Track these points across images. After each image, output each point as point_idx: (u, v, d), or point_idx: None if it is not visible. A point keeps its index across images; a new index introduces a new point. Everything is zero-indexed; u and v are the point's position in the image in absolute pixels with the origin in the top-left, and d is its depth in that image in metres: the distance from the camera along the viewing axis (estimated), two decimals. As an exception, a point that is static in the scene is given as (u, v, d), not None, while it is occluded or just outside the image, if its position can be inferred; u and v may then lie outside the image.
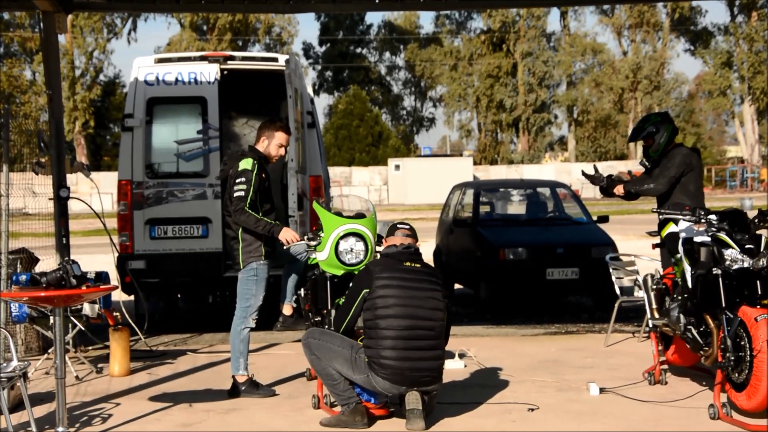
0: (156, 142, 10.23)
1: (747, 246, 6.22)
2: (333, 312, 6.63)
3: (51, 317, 6.97)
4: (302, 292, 7.26)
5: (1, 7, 13.33)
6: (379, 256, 6.73)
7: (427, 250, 13.45)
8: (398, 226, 6.42)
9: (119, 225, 10.12)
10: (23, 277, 7.48)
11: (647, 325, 7.66)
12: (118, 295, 9.38)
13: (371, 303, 5.87)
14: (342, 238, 6.65)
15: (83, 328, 8.34)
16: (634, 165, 58.56)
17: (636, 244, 16.68)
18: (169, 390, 7.27)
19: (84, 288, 5.76)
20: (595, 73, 67.38)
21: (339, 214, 6.93)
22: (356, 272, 6.57)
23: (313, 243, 6.87)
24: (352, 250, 6.67)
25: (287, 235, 6.83)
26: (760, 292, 6.10)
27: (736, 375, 6.00)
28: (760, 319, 5.80)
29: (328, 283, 6.75)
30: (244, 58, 10.94)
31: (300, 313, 7.31)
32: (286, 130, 7.29)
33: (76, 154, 57.72)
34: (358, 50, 72.65)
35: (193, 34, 63.35)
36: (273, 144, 7.17)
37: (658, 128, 7.89)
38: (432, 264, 14.23)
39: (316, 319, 6.98)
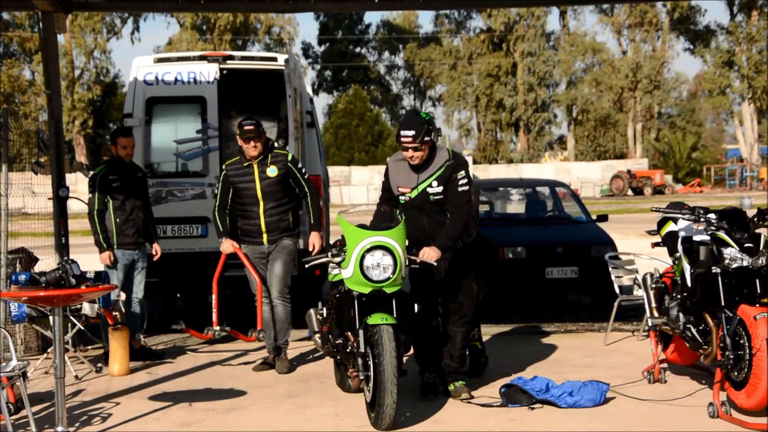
0: (155, 141, 10.23)
1: (746, 245, 6.23)
2: (360, 333, 6.12)
3: (50, 317, 6.97)
4: (324, 311, 6.87)
5: (1, 7, 13.33)
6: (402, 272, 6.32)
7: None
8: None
9: (118, 225, 10.10)
10: (22, 277, 7.48)
11: (647, 324, 7.66)
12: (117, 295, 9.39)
13: None
14: (367, 252, 6.09)
15: (82, 328, 8.35)
16: (633, 164, 58.64)
17: (635, 243, 16.68)
18: (169, 389, 7.27)
19: (83, 287, 5.77)
20: (595, 72, 67.45)
21: (363, 226, 6.37)
22: (384, 289, 6.16)
23: (337, 259, 6.35)
24: (378, 264, 6.09)
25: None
26: (759, 291, 6.11)
27: (736, 373, 6.00)
28: (759, 317, 5.81)
29: (356, 302, 6.15)
30: (243, 58, 10.91)
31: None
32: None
33: (76, 154, 57.82)
34: (357, 50, 72.67)
35: (193, 34, 63.37)
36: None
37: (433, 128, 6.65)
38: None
39: (338, 342, 6.49)
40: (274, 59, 10.60)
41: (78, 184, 36.83)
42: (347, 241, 6.21)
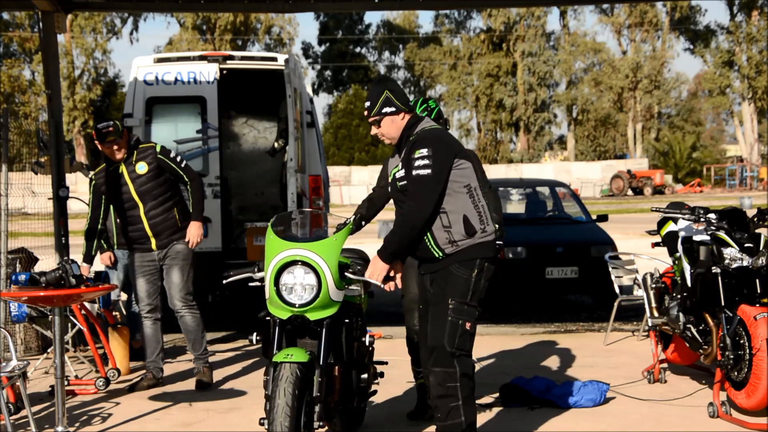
0: (155, 141, 10.23)
1: (746, 245, 6.23)
2: (270, 371, 4.65)
3: (50, 317, 6.97)
4: (254, 337, 5.08)
5: (1, 7, 13.34)
6: (362, 291, 5.34)
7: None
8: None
9: (119, 225, 10.10)
10: (22, 277, 7.47)
11: (647, 324, 7.66)
12: (117, 295, 9.39)
13: None
14: (285, 268, 4.79)
15: (83, 328, 8.34)
16: (633, 164, 58.64)
17: (635, 243, 16.69)
18: (169, 389, 7.27)
19: (83, 287, 5.77)
20: (595, 72, 67.47)
21: (290, 236, 5.08)
22: (309, 316, 4.80)
23: (259, 275, 5.01)
24: (300, 284, 4.77)
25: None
26: (759, 291, 6.11)
27: (736, 373, 6.00)
28: (759, 317, 5.81)
29: (278, 329, 4.88)
30: (243, 58, 10.92)
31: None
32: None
33: (76, 154, 57.85)
34: (357, 50, 72.68)
35: (193, 34, 63.40)
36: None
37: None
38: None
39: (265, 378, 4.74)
40: (274, 59, 10.61)
41: (78, 184, 36.84)
42: (266, 253, 4.90)
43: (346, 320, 5.12)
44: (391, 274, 4.99)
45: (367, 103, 5.08)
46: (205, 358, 7.45)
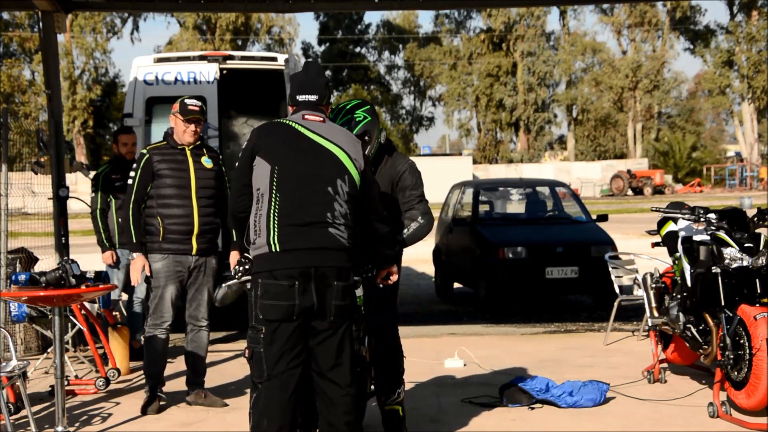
0: (155, 141, 10.23)
1: (746, 245, 6.23)
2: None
3: (50, 317, 6.97)
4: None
5: (1, 7, 13.34)
6: None
7: (427, 249, 13.46)
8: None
9: (118, 225, 10.07)
10: (22, 277, 7.47)
11: (647, 324, 7.66)
12: (118, 295, 9.39)
13: None
14: None
15: (83, 328, 8.34)
16: (633, 164, 58.64)
17: (635, 243, 16.70)
18: (169, 389, 7.26)
19: (83, 287, 5.78)
20: (595, 72, 67.47)
21: None
22: None
23: (246, 277, 5.04)
24: None
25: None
26: (759, 291, 6.11)
27: (736, 373, 6.01)
28: (759, 317, 5.81)
29: None
30: (243, 58, 10.93)
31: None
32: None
33: (76, 154, 57.82)
34: (357, 50, 72.68)
35: (193, 34, 63.41)
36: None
37: (374, 121, 5.53)
38: (432, 264, 14.24)
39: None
40: (274, 59, 10.61)
41: (78, 184, 36.85)
42: None
43: None
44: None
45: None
46: (203, 379, 6.93)
